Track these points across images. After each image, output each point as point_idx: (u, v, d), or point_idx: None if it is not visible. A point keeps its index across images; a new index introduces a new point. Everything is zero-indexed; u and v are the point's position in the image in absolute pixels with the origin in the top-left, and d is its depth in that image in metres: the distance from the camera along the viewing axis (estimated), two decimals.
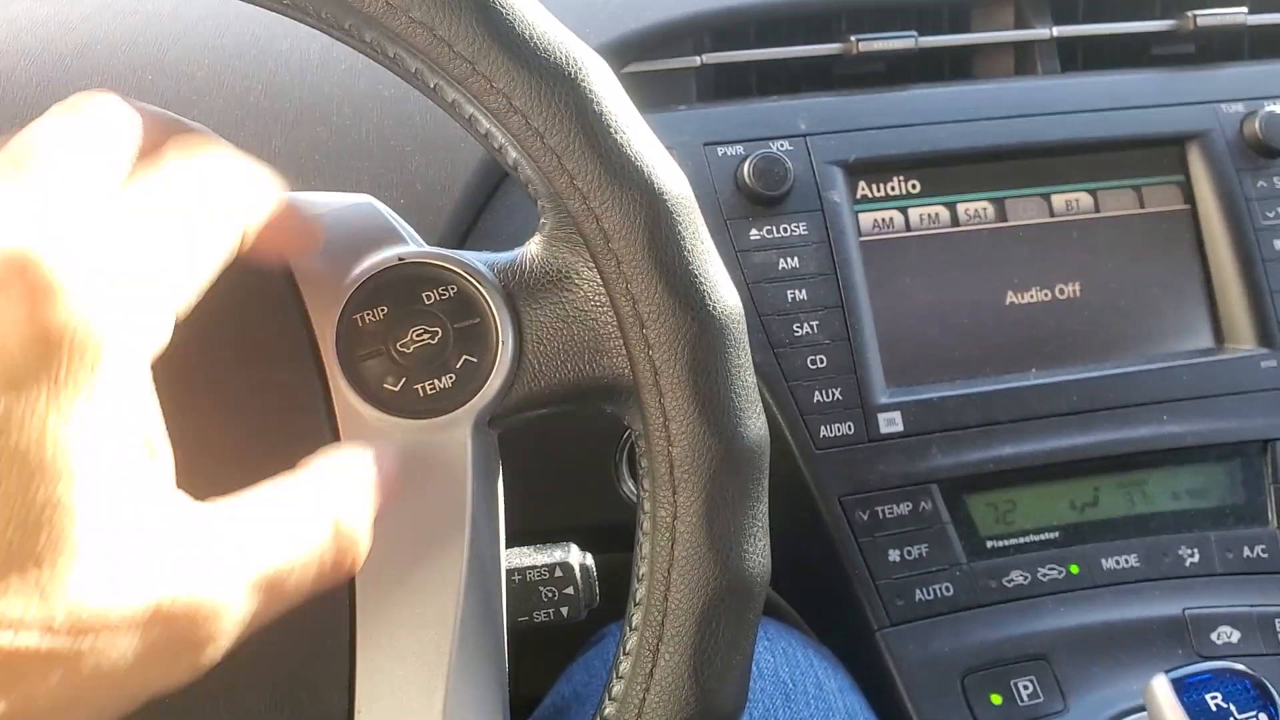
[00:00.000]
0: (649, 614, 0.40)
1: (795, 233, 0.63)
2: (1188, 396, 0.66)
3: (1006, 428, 0.64)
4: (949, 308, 0.66)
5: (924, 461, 0.63)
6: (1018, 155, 0.68)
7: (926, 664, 0.61)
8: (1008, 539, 0.64)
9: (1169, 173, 0.70)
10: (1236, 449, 0.67)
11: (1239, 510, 0.66)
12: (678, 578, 0.39)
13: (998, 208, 0.67)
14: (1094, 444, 0.65)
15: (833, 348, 0.62)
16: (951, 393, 0.64)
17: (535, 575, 0.48)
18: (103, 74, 0.58)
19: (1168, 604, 0.63)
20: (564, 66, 0.37)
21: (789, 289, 0.62)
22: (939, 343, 0.65)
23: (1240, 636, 0.62)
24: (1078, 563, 0.64)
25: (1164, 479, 0.66)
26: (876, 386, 0.63)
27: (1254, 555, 0.65)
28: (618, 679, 0.40)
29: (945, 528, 0.63)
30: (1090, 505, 0.65)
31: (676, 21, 0.67)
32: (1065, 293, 0.67)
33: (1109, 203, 0.69)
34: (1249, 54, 0.76)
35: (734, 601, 0.40)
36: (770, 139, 0.65)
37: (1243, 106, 0.71)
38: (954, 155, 0.67)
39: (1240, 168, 0.69)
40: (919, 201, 0.66)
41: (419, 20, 0.37)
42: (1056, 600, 0.63)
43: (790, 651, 0.60)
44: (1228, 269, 0.68)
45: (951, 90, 0.70)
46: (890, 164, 0.66)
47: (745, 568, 0.40)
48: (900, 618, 0.61)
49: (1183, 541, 0.65)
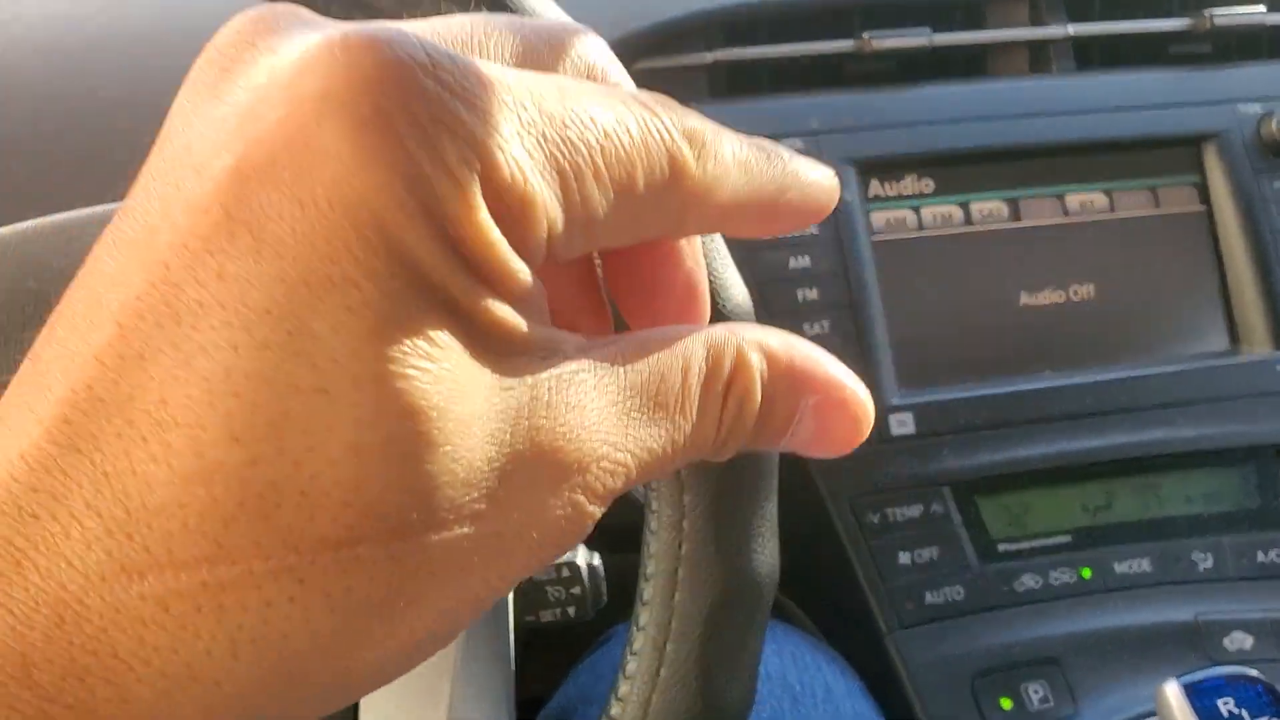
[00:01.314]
0: (655, 614, 0.39)
1: (806, 231, 0.63)
2: (1202, 399, 0.65)
3: (1019, 430, 0.63)
4: (962, 308, 0.65)
5: (935, 463, 0.62)
6: (1032, 155, 0.67)
7: (937, 667, 0.60)
8: (1019, 542, 0.63)
9: (1185, 173, 0.69)
10: (1251, 452, 0.66)
11: (1253, 514, 0.66)
12: (685, 578, 0.39)
13: (1012, 208, 0.67)
14: (1107, 447, 0.64)
15: (844, 348, 0.61)
16: (964, 394, 0.63)
17: (542, 575, 0.48)
18: (114, 69, 0.58)
19: (1180, 609, 0.63)
20: None
21: (800, 288, 0.62)
22: (951, 344, 0.65)
23: (1254, 642, 0.62)
24: (1090, 566, 0.63)
25: (1178, 482, 0.66)
26: (888, 387, 0.62)
27: (1268, 560, 0.65)
28: (624, 680, 0.40)
29: (956, 530, 0.62)
30: (1103, 508, 0.65)
31: (688, 18, 0.67)
32: (1079, 294, 0.67)
33: (1124, 203, 0.68)
34: (1267, 53, 0.76)
35: (741, 602, 0.39)
36: (782, 137, 0.64)
37: (1260, 106, 0.70)
38: (968, 154, 0.66)
39: (1257, 168, 0.69)
40: (932, 201, 0.66)
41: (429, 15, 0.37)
42: (1068, 604, 0.62)
43: (798, 654, 0.59)
44: (1243, 271, 0.67)
45: (965, 88, 0.69)
46: (903, 163, 0.66)
47: (753, 568, 0.39)
48: (910, 621, 0.61)
49: (1196, 546, 0.64)
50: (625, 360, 0.20)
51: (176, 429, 0.16)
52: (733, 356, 0.21)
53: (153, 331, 0.17)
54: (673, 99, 0.21)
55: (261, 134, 0.17)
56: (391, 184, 0.17)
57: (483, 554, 0.18)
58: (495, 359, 0.18)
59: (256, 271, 0.16)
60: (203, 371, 0.16)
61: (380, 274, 0.17)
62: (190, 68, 0.20)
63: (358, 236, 0.16)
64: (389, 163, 0.17)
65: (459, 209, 0.17)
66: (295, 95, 0.17)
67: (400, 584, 0.17)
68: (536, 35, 0.22)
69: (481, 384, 0.18)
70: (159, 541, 0.16)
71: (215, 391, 0.16)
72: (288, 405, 0.16)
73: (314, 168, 0.16)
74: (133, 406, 0.16)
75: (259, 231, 0.16)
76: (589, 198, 0.19)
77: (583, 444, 0.19)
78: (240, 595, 0.16)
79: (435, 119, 0.17)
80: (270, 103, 0.17)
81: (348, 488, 0.16)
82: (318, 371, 0.16)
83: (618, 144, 0.19)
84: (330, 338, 0.16)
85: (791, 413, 0.22)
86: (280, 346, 0.16)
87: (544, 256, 0.19)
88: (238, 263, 0.16)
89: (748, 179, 0.22)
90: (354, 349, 0.16)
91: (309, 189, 0.16)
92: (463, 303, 0.18)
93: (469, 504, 0.18)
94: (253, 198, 0.17)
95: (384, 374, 0.16)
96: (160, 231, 0.17)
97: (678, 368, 0.20)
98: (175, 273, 0.17)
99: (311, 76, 0.17)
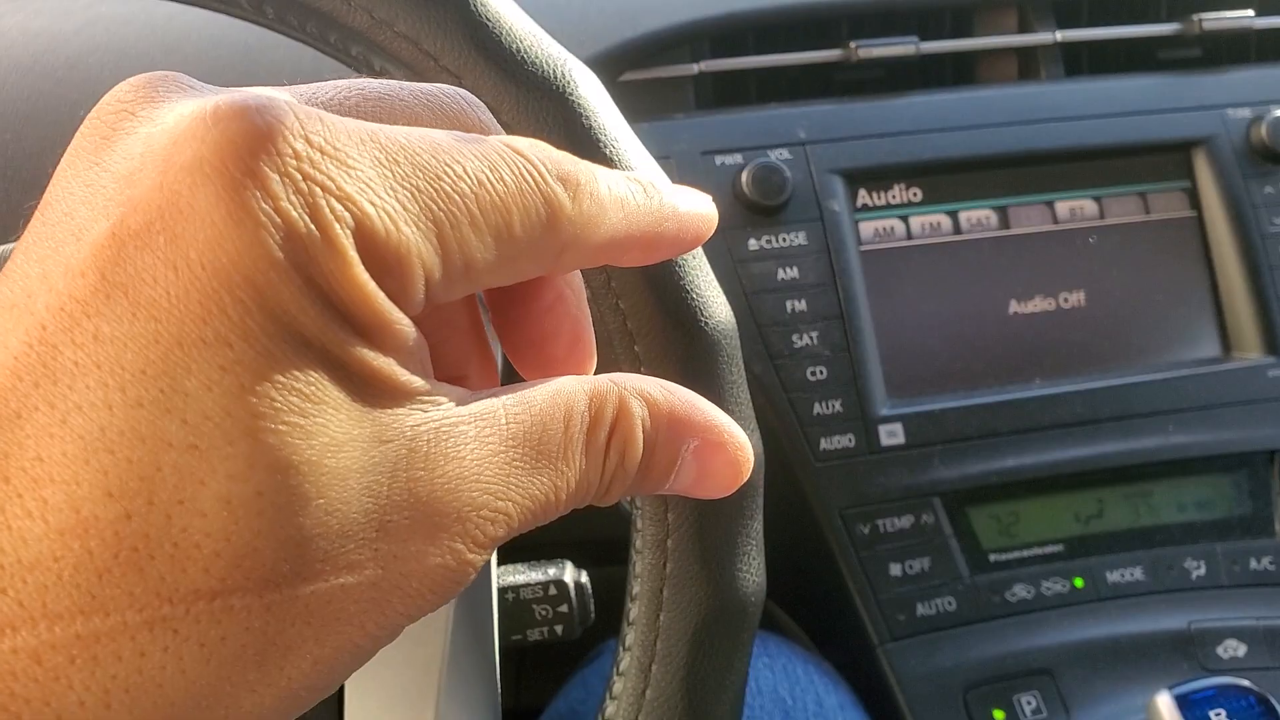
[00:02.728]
0: (641, 635, 0.39)
1: (794, 242, 0.63)
2: (1193, 407, 0.65)
3: (1009, 439, 0.63)
4: (951, 318, 0.65)
5: (926, 474, 0.62)
6: (1021, 162, 0.67)
7: (928, 679, 0.60)
8: (1011, 552, 0.63)
9: (1175, 179, 0.69)
10: (1243, 459, 0.66)
11: (1245, 522, 0.65)
12: (670, 598, 0.39)
13: (1000, 216, 0.67)
14: (1098, 455, 0.64)
15: (833, 359, 0.61)
16: (954, 404, 0.63)
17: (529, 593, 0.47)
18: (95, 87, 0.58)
19: (1173, 617, 0.62)
20: (551, 80, 0.36)
21: (788, 299, 0.62)
22: (941, 353, 0.64)
23: (1247, 650, 0.61)
24: (1082, 576, 0.63)
25: (1169, 490, 0.65)
26: (877, 398, 0.62)
27: (1261, 567, 0.64)
28: (610, 699, 0.40)
29: (947, 541, 0.62)
30: (1095, 517, 0.65)
31: (674, 29, 0.67)
32: (1069, 302, 0.66)
33: (1114, 210, 0.68)
34: (1256, 58, 0.75)
35: (727, 621, 0.39)
36: (769, 147, 0.64)
37: (1249, 111, 0.70)
38: (956, 162, 0.66)
39: (1247, 173, 0.68)
40: (920, 210, 0.66)
41: (404, 34, 0.36)
42: (1060, 614, 0.62)
43: (790, 668, 0.59)
44: (1234, 277, 0.67)
45: (953, 96, 0.69)
46: (891, 172, 0.66)
47: (738, 586, 0.39)
48: (902, 632, 0.61)
49: (1188, 554, 0.64)
50: (507, 411, 0.20)
51: (52, 485, 0.17)
52: (615, 405, 0.22)
53: (30, 391, 0.17)
54: (548, 144, 0.22)
55: (137, 200, 0.18)
56: (263, 243, 0.17)
57: (360, 604, 0.19)
58: (373, 411, 0.19)
59: (132, 333, 0.17)
60: (78, 429, 0.17)
61: (253, 332, 0.17)
62: None
63: (231, 297, 0.17)
64: (259, 223, 0.17)
65: (332, 263, 0.18)
66: (170, 163, 0.18)
67: (275, 633, 0.18)
68: (412, 96, 0.22)
69: (359, 437, 0.18)
70: (33, 595, 0.17)
71: (91, 448, 0.17)
72: (160, 460, 0.17)
73: (188, 232, 0.17)
74: (8, 463, 0.17)
75: (134, 295, 0.17)
76: (465, 243, 0.19)
77: (461, 494, 0.19)
78: (114, 646, 0.17)
79: (306, 177, 0.18)
80: (146, 170, 0.18)
81: (218, 539, 0.17)
82: (189, 428, 0.17)
83: (492, 191, 0.20)
84: (203, 395, 0.17)
85: (673, 458, 0.23)
86: (153, 404, 0.17)
87: (423, 303, 0.19)
88: (113, 325, 0.17)
89: (624, 215, 0.22)
90: (226, 405, 0.17)
91: (183, 252, 0.17)
92: (339, 355, 0.18)
93: (344, 555, 0.18)
94: (129, 262, 0.17)
95: (255, 429, 0.17)
96: (38, 295, 0.18)
97: (560, 417, 0.21)
98: (52, 334, 0.17)
99: (185, 145, 0.18)
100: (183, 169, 0.17)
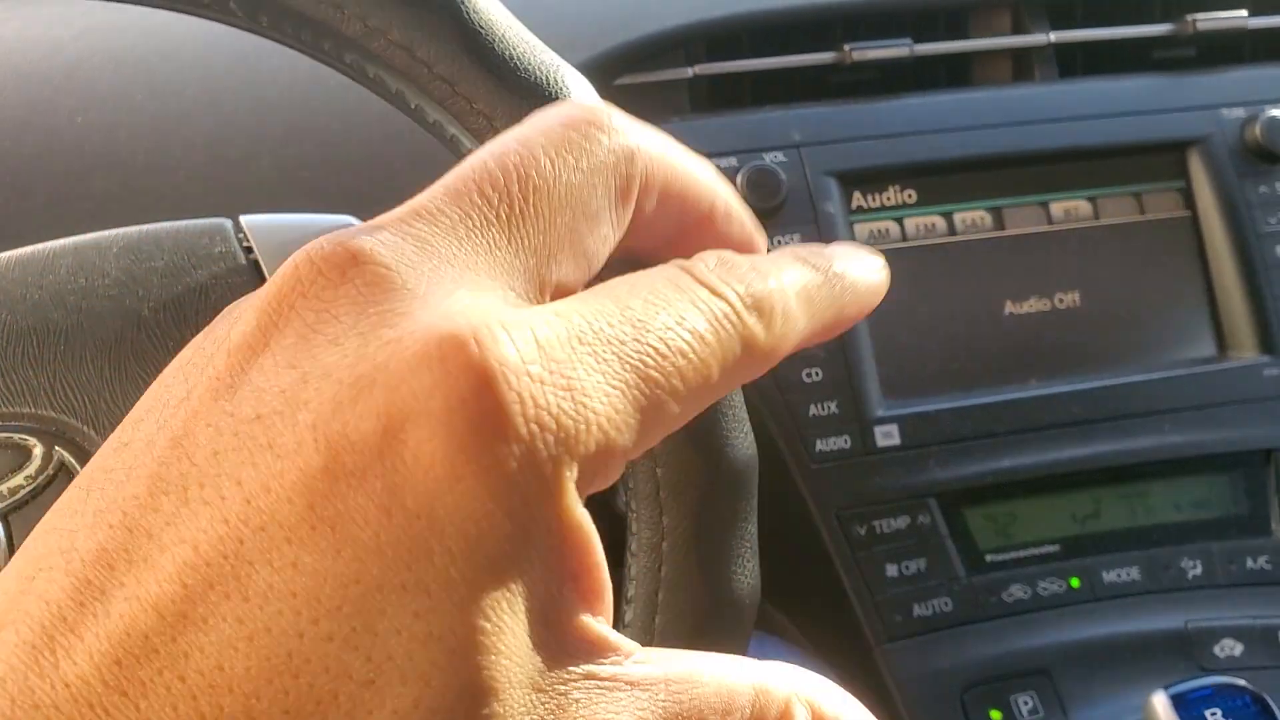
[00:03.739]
0: (636, 637, 0.39)
1: (790, 244, 0.63)
2: (1189, 406, 0.65)
3: (1005, 440, 0.63)
4: (946, 319, 0.65)
5: (922, 475, 0.62)
6: (1015, 163, 0.67)
7: (925, 680, 0.60)
8: (1007, 552, 0.63)
9: (1169, 179, 0.69)
10: (1239, 459, 0.66)
11: (1242, 521, 0.66)
12: (665, 601, 0.39)
13: (995, 217, 0.67)
14: (1094, 455, 0.64)
15: (828, 360, 0.61)
16: (949, 405, 0.63)
17: None
18: (92, 93, 0.58)
19: (1170, 617, 0.62)
20: (544, 85, 0.37)
21: None
22: (936, 354, 0.65)
23: (1243, 649, 0.61)
24: (1078, 576, 0.63)
25: (1165, 490, 0.66)
26: (873, 399, 0.62)
27: (1257, 566, 0.64)
28: None
29: (944, 542, 0.62)
30: (1091, 517, 0.65)
31: (668, 33, 0.67)
32: (1064, 302, 0.67)
33: (1108, 210, 0.68)
34: (1250, 57, 0.76)
35: (722, 625, 0.39)
36: (764, 150, 0.64)
37: (1244, 111, 0.70)
38: (950, 164, 0.66)
39: (1241, 173, 0.69)
40: (915, 211, 0.66)
41: (397, 42, 0.37)
42: (1057, 614, 0.62)
43: None
44: (1229, 276, 0.67)
45: (947, 98, 0.69)
46: (886, 174, 0.66)
47: (733, 590, 0.39)
48: (898, 633, 0.61)
49: (1185, 553, 0.64)
50: (669, 689, 0.20)
51: (231, 695, 0.17)
52: (779, 710, 0.21)
53: (219, 601, 0.17)
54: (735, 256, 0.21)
55: (354, 439, 0.17)
56: (482, 498, 0.17)
57: None
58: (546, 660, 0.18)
59: (333, 570, 0.17)
60: (264, 650, 0.17)
61: (454, 582, 0.17)
62: (167, 91, 0.20)
63: (440, 546, 0.17)
64: (480, 477, 0.17)
65: (551, 511, 0.18)
66: (390, 407, 0.17)
67: None
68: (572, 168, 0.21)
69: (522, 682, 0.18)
70: None
71: (276, 670, 0.17)
72: (339, 690, 0.17)
73: (407, 482, 0.17)
74: (187, 664, 0.17)
75: (341, 533, 0.17)
76: (666, 418, 0.19)
77: None
78: None
79: (528, 419, 0.17)
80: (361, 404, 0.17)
81: None
82: (371, 665, 0.17)
83: (695, 357, 0.19)
84: (390, 638, 0.17)
85: None
86: (343, 640, 0.17)
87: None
88: (315, 558, 0.17)
89: (810, 314, 0.22)
90: (410, 649, 0.17)
91: (400, 501, 0.17)
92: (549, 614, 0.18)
93: None
94: (340, 499, 0.17)
95: (429, 674, 0.17)
96: (231, 500, 0.18)
97: (719, 709, 0.20)
98: (250, 551, 0.17)
99: (405, 388, 0.17)
100: (406, 416, 0.17)
